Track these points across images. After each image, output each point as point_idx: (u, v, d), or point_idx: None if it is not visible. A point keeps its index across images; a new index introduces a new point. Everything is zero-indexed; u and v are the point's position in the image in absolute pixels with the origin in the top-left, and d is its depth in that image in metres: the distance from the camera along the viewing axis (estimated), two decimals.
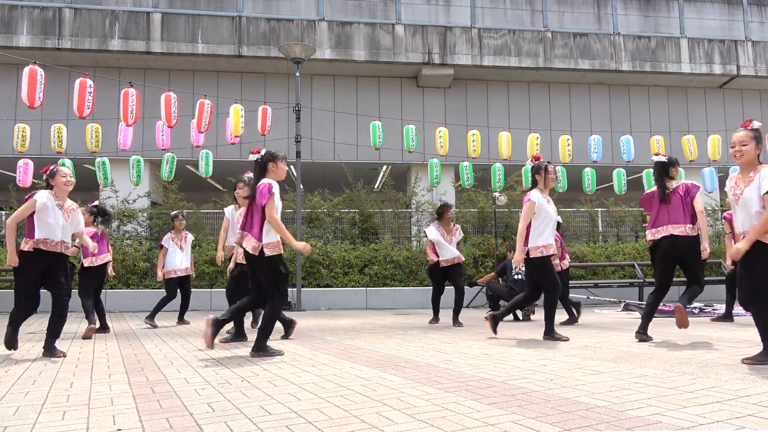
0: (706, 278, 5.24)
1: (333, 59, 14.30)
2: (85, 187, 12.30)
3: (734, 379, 3.10)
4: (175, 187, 12.07)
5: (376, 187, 16.05)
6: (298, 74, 10.85)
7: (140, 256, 10.92)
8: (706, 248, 4.77)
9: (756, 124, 3.74)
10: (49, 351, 4.48)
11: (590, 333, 5.74)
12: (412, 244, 12.17)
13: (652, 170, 5.32)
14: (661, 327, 6.18)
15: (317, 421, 2.35)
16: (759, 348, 3.89)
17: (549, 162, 5.39)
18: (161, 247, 7.52)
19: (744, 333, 5.39)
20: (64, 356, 4.48)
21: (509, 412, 2.45)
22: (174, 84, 12.96)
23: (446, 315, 7.48)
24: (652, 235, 4.90)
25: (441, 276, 7.24)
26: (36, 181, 10.87)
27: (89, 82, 9.13)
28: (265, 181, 4.33)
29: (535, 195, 5.19)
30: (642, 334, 4.93)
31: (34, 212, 4.39)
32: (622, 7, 16.21)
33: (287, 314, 6.03)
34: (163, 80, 13.48)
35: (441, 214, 7.29)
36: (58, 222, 4.46)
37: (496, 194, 11.05)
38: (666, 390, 2.84)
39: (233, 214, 5.99)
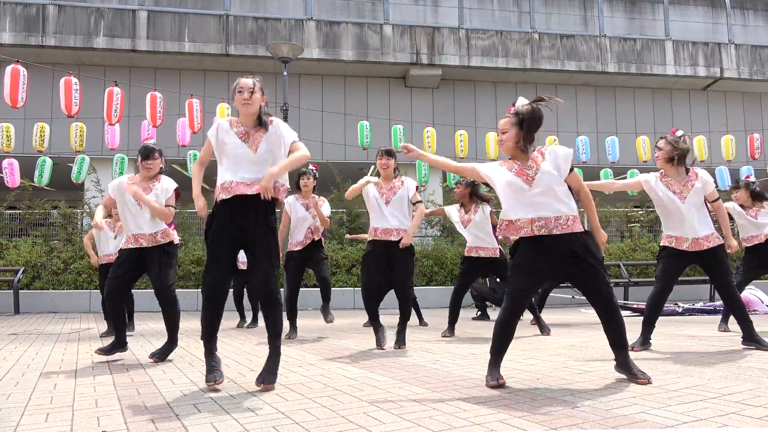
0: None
1: (321, 59, 14.27)
2: (70, 187, 12.18)
3: (717, 377, 3.14)
4: None
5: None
6: (285, 74, 10.82)
7: None
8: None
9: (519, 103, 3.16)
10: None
11: (576, 332, 5.78)
12: None
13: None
14: None
15: (304, 422, 2.35)
16: (736, 345, 3.95)
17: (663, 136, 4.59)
18: None
19: (727, 332, 5.46)
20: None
21: (496, 411, 2.46)
22: (160, 83, 12.85)
23: (440, 315, 7.49)
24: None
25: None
26: (23, 181, 10.73)
27: (74, 80, 9.04)
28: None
29: None
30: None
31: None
32: (608, 10, 16.36)
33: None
34: (149, 79, 13.37)
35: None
36: None
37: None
38: (650, 389, 2.87)
39: (294, 204, 5.62)
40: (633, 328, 5.04)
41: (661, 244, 4.37)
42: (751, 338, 4.22)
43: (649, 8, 16.69)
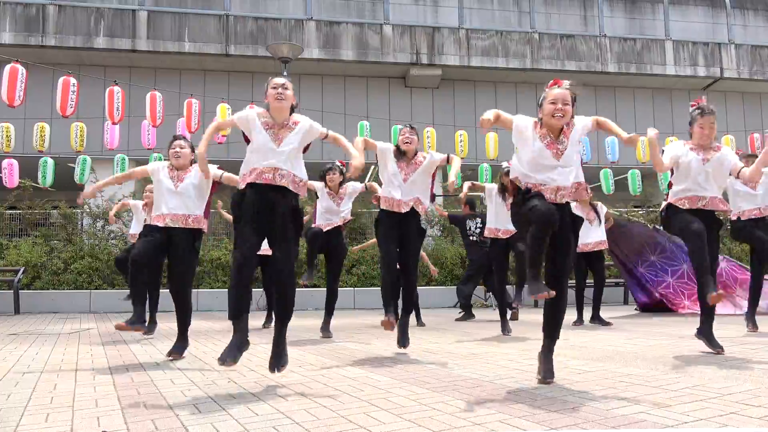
0: None
1: (321, 59, 14.27)
2: (70, 187, 12.16)
3: (718, 377, 3.13)
4: None
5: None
6: (285, 74, 10.81)
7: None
8: None
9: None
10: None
11: (576, 333, 5.78)
12: None
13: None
14: (647, 327, 6.25)
15: (304, 422, 2.35)
16: (741, 345, 3.95)
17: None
18: None
19: (728, 332, 5.45)
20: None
21: (496, 412, 2.45)
22: (160, 83, 12.84)
23: (439, 315, 7.48)
24: None
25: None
26: (22, 181, 10.72)
27: (72, 80, 9.03)
28: None
29: None
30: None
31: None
32: (608, 10, 16.36)
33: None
34: (149, 79, 13.36)
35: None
36: None
37: (483, 195, 11.08)
38: (651, 389, 2.86)
39: (323, 192, 5.79)
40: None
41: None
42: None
43: (649, 8, 16.70)
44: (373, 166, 15.62)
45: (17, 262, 10.30)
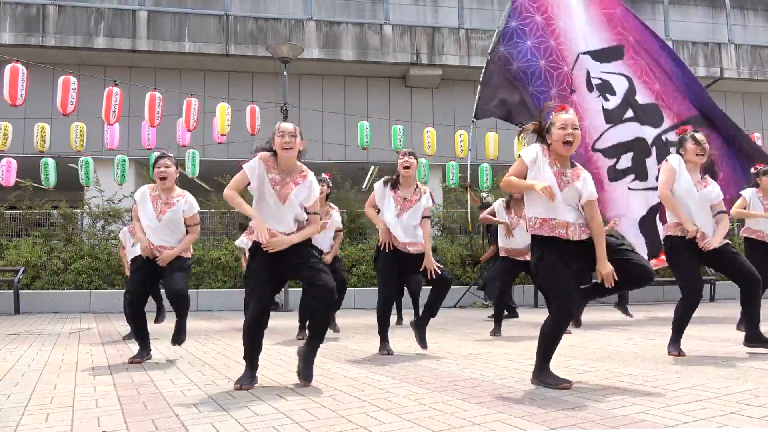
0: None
1: (321, 59, 14.26)
2: (70, 187, 12.17)
3: (718, 377, 3.13)
4: None
5: (364, 187, 16.04)
6: (285, 74, 10.81)
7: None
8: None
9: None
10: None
11: (576, 332, 5.78)
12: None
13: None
14: (647, 327, 6.25)
15: (304, 422, 2.35)
16: (741, 345, 3.95)
17: (696, 130, 4.09)
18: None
19: (728, 332, 5.46)
20: None
21: (496, 411, 2.46)
22: (160, 83, 12.85)
23: (439, 315, 7.45)
24: None
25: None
26: (19, 180, 10.73)
27: (73, 80, 9.03)
28: None
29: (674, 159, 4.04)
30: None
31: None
32: None
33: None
34: (150, 79, 13.36)
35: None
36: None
37: (484, 194, 11.08)
38: (650, 389, 2.87)
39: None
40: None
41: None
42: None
43: (649, 8, 16.69)
44: (373, 166, 15.65)
45: (17, 262, 10.30)
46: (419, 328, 4.50)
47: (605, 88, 7.51)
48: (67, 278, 10.31)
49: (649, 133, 7.38)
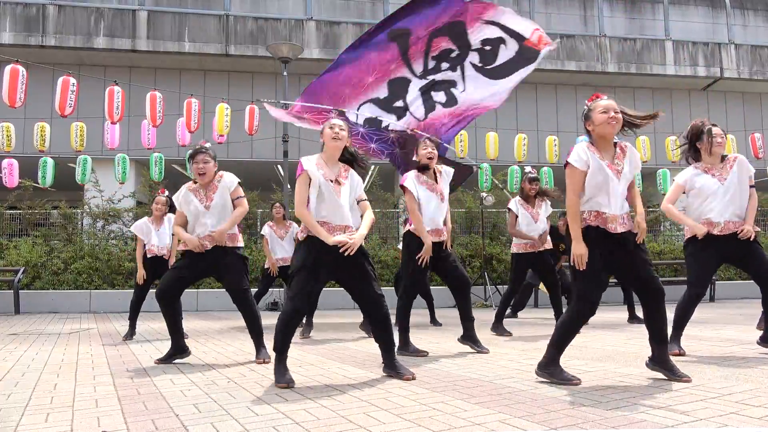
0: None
1: (321, 59, 14.26)
2: (70, 187, 12.16)
3: (717, 377, 3.13)
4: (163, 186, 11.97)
5: (363, 187, 16.03)
6: (285, 74, 10.81)
7: (125, 257, 10.82)
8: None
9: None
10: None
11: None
12: (399, 244, 12.16)
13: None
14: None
15: (304, 422, 2.35)
16: (741, 345, 3.94)
17: (714, 124, 4.14)
18: (262, 237, 6.98)
19: (728, 332, 5.46)
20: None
21: (496, 412, 2.46)
22: (160, 82, 12.85)
23: (440, 316, 7.47)
24: None
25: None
26: (22, 181, 10.72)
27: (72, 80, 9.02)
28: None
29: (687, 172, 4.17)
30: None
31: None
32: (608, 10, 16.36)
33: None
34: (150, 79, 13.36)
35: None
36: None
37: (484, 194, 11.08)
38: (650, 389, 2.87)
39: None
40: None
41: None
42: None
43: (649, 8, 16.70)
44: (372, 166, 15.61)
45: (17, 262, 10.30)
46: (469, 339, 4.50)
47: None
48: (67, 278, 10.31)
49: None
